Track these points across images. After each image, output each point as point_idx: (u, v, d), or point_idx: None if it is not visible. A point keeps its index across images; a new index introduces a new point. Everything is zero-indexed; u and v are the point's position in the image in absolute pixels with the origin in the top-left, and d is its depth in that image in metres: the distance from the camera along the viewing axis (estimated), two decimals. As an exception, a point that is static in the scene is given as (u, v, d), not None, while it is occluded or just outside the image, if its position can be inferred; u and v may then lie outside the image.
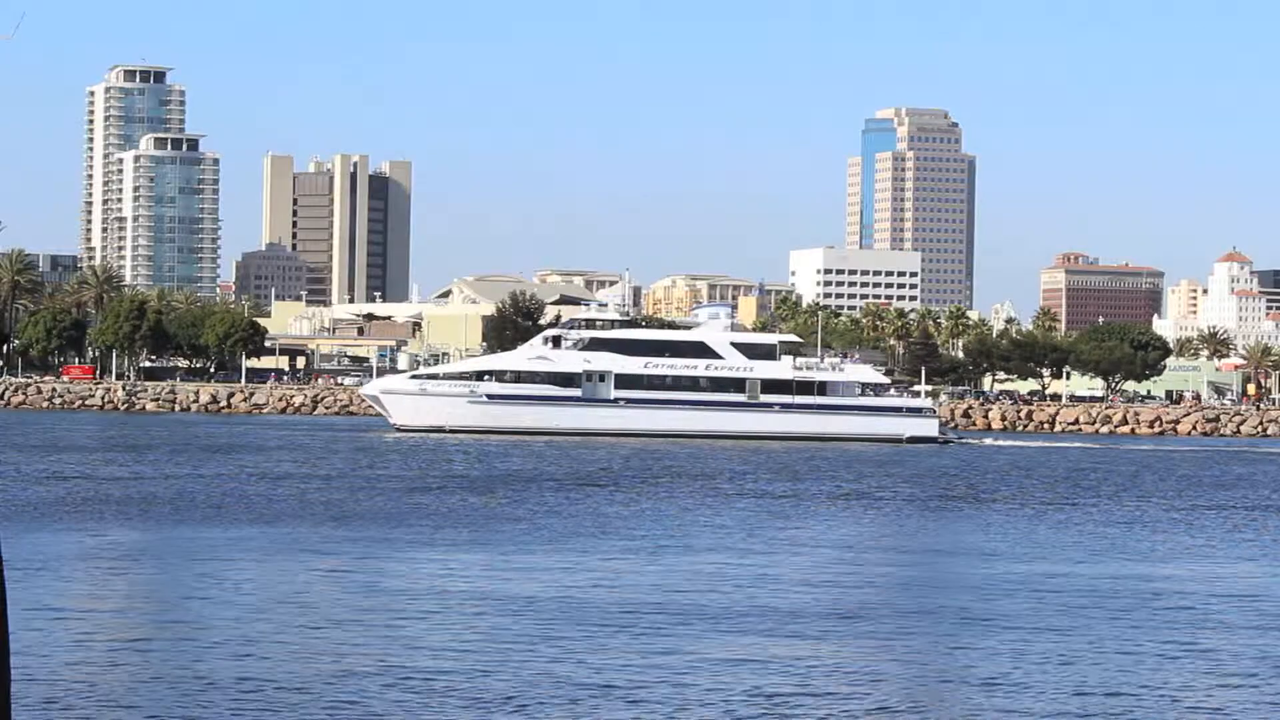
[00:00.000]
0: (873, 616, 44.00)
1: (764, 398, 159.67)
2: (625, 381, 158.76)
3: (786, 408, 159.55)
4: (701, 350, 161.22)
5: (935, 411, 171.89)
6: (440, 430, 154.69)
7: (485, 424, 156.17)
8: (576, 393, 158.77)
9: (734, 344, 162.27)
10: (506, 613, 43.06)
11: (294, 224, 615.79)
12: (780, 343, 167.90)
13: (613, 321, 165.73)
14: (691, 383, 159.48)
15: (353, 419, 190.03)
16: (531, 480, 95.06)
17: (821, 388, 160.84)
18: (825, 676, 35.28)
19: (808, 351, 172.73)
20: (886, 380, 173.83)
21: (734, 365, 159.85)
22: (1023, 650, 38.86)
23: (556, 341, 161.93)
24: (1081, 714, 32.37)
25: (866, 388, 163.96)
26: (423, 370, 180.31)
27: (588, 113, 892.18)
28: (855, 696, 33.33)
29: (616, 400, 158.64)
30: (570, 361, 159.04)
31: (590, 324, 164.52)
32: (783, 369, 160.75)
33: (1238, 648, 40.32)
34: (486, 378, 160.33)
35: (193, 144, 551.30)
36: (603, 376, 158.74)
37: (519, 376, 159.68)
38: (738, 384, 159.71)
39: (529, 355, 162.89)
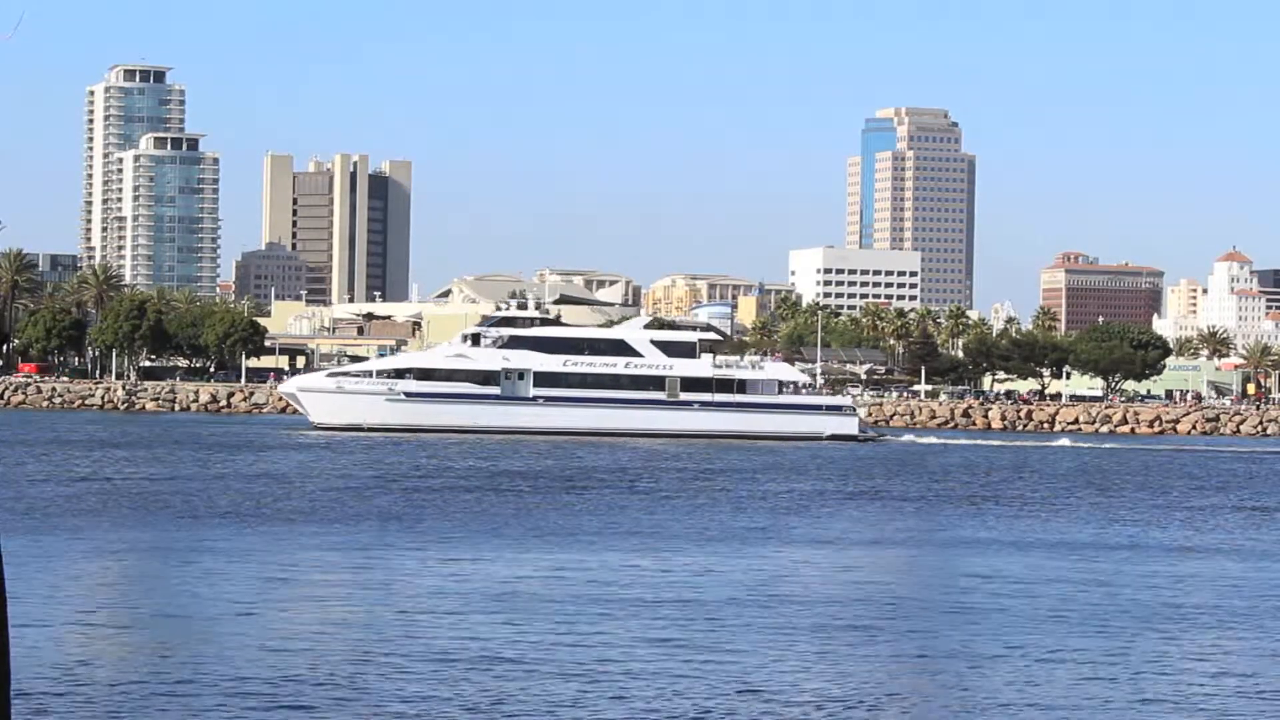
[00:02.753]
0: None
1: (684, 396, 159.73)
2: (544, 380, 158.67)
3: (706, 406, 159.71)
4: (621, 348, 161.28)
5: (855, 409, 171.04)
6: (358, 429, 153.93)
7: (403, 422, 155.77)
8: (495, 391, 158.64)
9: (653, 342, 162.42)
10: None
11: (294, 224, 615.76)
12: (700, 341, 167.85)
13: (532, 320, 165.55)
14: (611, 380, 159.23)
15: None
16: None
17: (741, 386, 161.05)
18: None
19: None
20: (807, 378, 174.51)
21: (653, 363, 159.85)
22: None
23: (476, 339, 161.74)
24: None
25: (786, 386, 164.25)
26: (341, 368, 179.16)
27: (588, 112, 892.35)
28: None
29: (535, 398, 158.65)
30: (489, 359, 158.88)
31: (510, 322, 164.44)
32: (703, 367, 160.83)
33: None
34: (405, 376, 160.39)
35: (193, 144, 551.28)
36: (522, 374, 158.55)
37: (438, 375, 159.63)
38: (657, 382, 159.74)
39: (448, 353, 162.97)
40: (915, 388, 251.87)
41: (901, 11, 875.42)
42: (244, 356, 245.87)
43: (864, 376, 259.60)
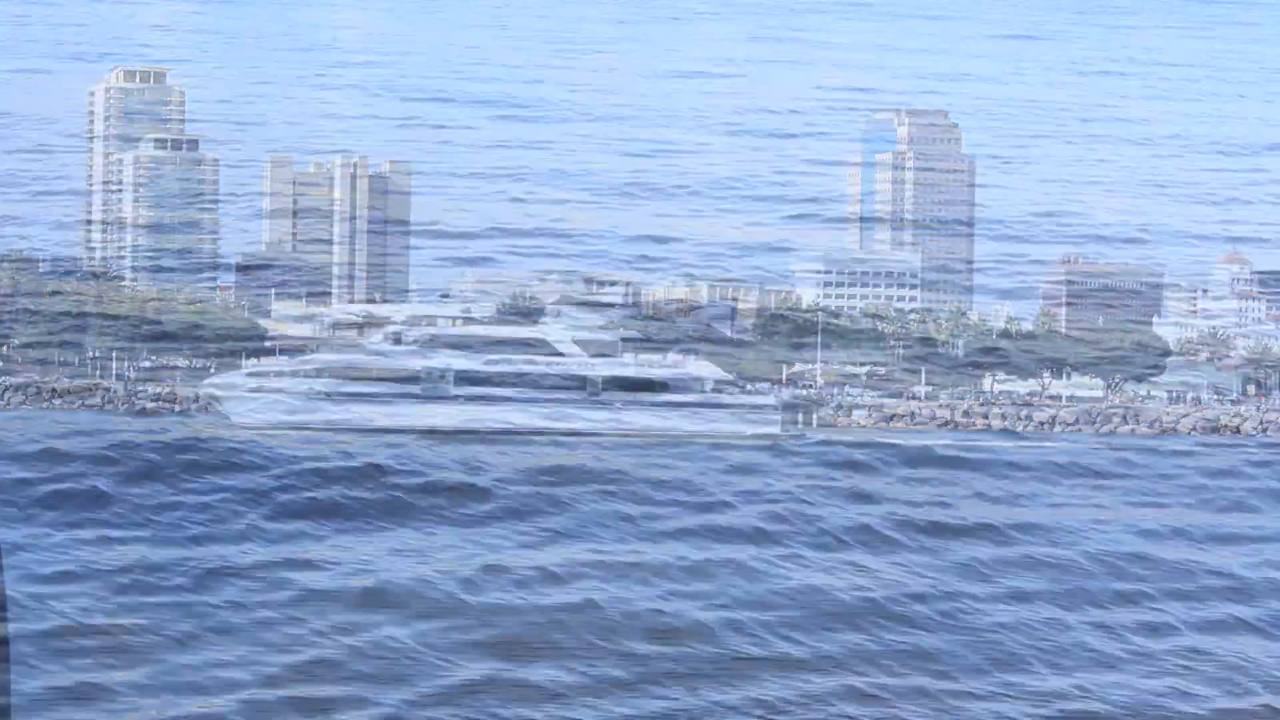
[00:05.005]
0: None
1: (605, 395, 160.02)
2: (465, 379, 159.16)
3: (628, 405, 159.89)
4: (543, 348, 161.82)
5: (778, 409, 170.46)
6: (277, 428, 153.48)
7: (323, 422, 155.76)
8: (416, 390, 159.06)
9: (576, 340, 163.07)
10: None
11: (294, 225, 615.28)
12: (623, 339, 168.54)
13: (454, 318, 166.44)
14: (532, 380, 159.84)
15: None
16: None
17: (663, 384, 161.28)
18: None
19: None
20: (729, 377, 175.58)
21: (575, 362, 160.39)
22: None
23: (397, 339, 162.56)
24: None
25: (708, 385, 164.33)
26: (261, 367, 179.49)
27: (587, 111, 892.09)
28: None
29: (456, 397, 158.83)
30: (410, 359, 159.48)
31: (431, 321, 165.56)
32: (624, 365, 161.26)
33: None
34: (326, 375, 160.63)
35: (193, 144, 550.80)
36: (442, 374, 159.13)
37: (358, 375, 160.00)
38: (578, 381, 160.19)
39: (369, 352, 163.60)
40: (915, 388, 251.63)
41: (901, 12, 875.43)
42: (244, 358, 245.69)
43: (864, 377, 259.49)
